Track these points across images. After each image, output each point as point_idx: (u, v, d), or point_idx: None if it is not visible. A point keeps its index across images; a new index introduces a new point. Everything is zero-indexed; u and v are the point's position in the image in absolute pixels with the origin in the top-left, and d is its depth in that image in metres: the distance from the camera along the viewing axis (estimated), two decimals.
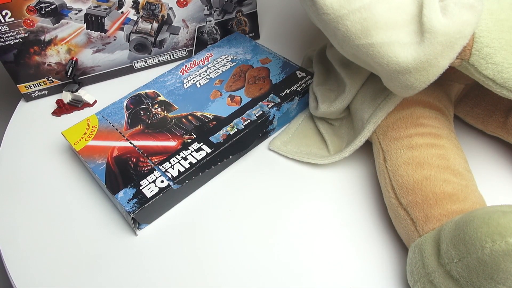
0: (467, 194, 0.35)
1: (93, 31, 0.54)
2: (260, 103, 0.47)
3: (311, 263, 0.38)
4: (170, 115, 0.48)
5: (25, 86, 0.56)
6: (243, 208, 0.42)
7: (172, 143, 0.45)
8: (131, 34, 0.55)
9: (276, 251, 0.39)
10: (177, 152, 0.44)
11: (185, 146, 0.44)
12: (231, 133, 0.45)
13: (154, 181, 0.41)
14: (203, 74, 0.52)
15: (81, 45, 0.54)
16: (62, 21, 0.52)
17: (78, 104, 0.56)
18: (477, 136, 0.45)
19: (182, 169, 0.42)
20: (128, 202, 0.40)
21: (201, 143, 0.44)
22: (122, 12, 0.53)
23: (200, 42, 0.59)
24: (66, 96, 0.56)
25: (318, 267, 0.38)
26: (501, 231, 0.27)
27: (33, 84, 0.56)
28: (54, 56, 0.54)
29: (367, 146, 0.43)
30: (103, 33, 0.54)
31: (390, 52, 0.32)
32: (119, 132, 0.47)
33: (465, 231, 0.29)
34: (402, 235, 0.37)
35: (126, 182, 0.41)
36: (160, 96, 0.50)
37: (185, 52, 0.60)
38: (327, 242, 0.39)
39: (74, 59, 0.55)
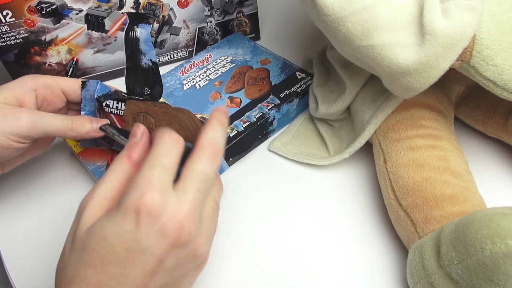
0: (467, 196, 0.35)
1: (93, 32, 0.54)
2: (259, 105, 0.47)
3: (311, 264, 0.38)
4: None
5: None
6: (243, 209, 0.42)
7: None
8: None
9: (275, 252, 0.39)
10: None
11: None
12: (230, 135, 0.45)
13: None
14: (203, 76, 0.52)
15: (82, 45, 0.54)
16: (63, 21, 0.52)
17: None
18: (478, 137, 0.45)
19: None
20: None
21: None
22: (123, 13, 0.53)
23: (200, 43, 0.59)
24: None
25: (318, 268, 0.38)
26: (501, 233, 0.27)
27: None
28: (55, 56, 0.54)
29: (367, 147, 0.43)
30: (103, 34, 0.54)
31: (391, 53, 0.32)
32: None
33: (465, 233, 0.29)
34: (402, 236, 0.37)
35: None
36: None
37: (185, 53, 0.60)
38: (327, 243, 0.39)
39: (75, 59, 0.55)
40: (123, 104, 0.41)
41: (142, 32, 0.38)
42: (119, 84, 0.59)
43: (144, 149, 0.30)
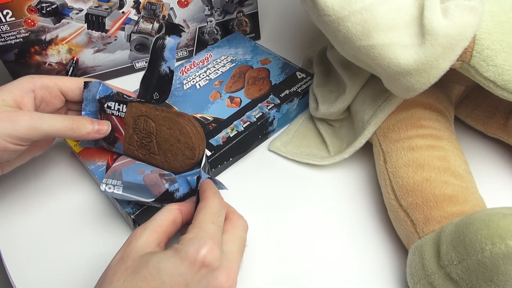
0: (467, 196, 0.35)
1: (94, 31, 0.54)
2: (259, 104, 0.47)
3: (311, 264, 0.38)
4: None
5: None
6: (243, 208, 0.42)
7: None
8: (132, 34, 0.55)
9: (275, 251, 0.39)
10: None
11: None
12: (231, 135, 0.44)
13: None
14: (203, 75, 0.52)
15: (82, 45, 0.54)
16: (63, 20, 0.52)
17: None
18: (478, 137, 0.45)
19: None
20: (128, 204, 0.40)
21: None
22: (123, 12, 0.53)
23: (200, 42, 0.59)
24: None
25: (318, 268, 0.38)
26: (501, 233, 0.27)
27: None
28: (55, 55, 0.54)
29: (368, 147, 0.43)
30: (104, 33, 0.54)
31: (391, 53, 0.32)
32: None
33: (465, 233, 0.29)
34: (402, 236, 0.37)
35: None
36: None
37: (186, 52, 0.60)
38: (327, 243, 0.39)
39: (75, 59, 0.55)
40: (124, 106, 0.41)
41: (170, 41, 0.40)
42: (119, 83, 0.59)
43: (192, 207, 0.36)
